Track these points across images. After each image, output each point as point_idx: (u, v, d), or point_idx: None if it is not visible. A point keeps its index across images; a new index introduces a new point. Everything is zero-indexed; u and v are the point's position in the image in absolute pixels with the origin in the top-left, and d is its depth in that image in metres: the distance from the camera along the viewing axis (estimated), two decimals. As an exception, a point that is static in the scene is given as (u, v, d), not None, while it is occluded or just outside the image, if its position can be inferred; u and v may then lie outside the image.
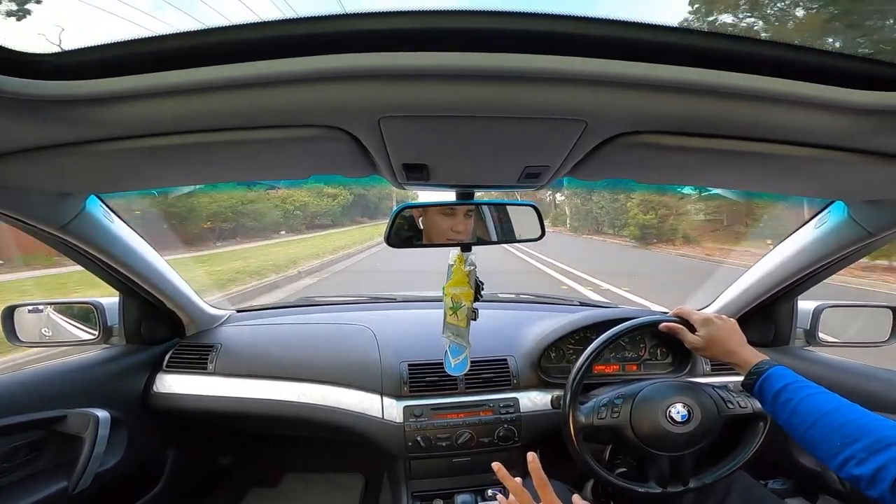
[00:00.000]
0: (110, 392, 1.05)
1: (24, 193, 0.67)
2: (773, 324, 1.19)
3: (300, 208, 22.14)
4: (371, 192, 28.87)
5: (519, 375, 1.14)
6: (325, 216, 25.14)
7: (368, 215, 31.94)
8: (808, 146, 0.53)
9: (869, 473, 0.57)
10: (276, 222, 19.88)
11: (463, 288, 0.86)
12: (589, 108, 0.45)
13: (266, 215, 19.12)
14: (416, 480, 1.12)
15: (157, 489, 1.21)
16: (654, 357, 1.22)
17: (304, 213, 22.58)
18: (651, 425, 0.91)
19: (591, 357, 0.96)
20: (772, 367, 0.76)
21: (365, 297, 1.63)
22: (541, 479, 0.67)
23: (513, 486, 0.69)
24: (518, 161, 0.61)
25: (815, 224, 0.92)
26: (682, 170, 0.67)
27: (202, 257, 10.70)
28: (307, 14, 0.37)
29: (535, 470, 0.68)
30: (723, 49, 0.39)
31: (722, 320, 0.88)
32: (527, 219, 0.86)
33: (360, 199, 29.24)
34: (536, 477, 0.67)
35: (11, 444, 0.85)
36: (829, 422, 0.64)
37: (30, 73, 0.38)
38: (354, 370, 1.14)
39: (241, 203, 16.48)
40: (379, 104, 0.44)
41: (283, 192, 19.25)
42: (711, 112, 0.46)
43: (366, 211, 32.27)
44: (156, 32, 0.40)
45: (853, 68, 0.41)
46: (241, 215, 17.01)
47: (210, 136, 0.51)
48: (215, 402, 1.16)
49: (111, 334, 1.15)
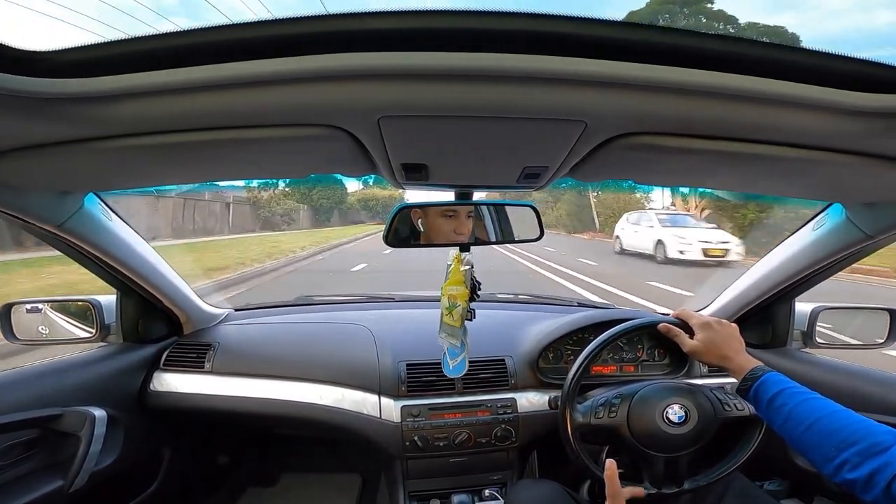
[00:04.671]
0: (107, 390, 1.04)
1: (23, 191, 0.67)
2: (771, 325, 1.19)
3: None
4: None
5: (517, 376, 1.14)
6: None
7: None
8: (807, 148, 0.53)
9: (863, 478, 0.58)
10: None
11: (459, 288, 0.86)
12: (588, 108, 0.45)
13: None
14: (414, 480, 1.12)
15: (153, 488, 1.20)
16: (651, 358, 1.22)
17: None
18: (648, 426, 0.91)
19: (588, 357, 0.96)
20: (766, 373, 0.76)
21: (363, 297, 1.63)
22: (615, 489, 0.65)
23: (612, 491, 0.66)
24: (517, 161, 0.61)
25: (813, 226, 0.92)
26: (682, 171, 0.67)
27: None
28: (308, 13, 0.37)
29: (610, 479, 0.66)
30: (723, 51, 0.39)
31: (721, 325, 0.88)
32: (525, 219, 0.86)
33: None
34: (611, 486, 0.65)
35: (7, 443, 0.85)
36: (823, 427, 0.65)
37: (29, 71, 0.38)
38: (352, 369, 1.14)
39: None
40: (378, 104, 0.44)
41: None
42: (711, 113, 0.46)
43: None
44: (155, 30, 0.40)
45: (854, 70, 0.41)
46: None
47: (209, 135, 0.51)
48: (212, 401, 1.15)
49: (108, 332, 1.15)
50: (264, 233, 18.56)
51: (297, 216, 24.01)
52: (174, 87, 0.40)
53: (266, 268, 8.50)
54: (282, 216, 22.60)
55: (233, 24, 0.38)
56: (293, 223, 23.08)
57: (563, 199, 21.51)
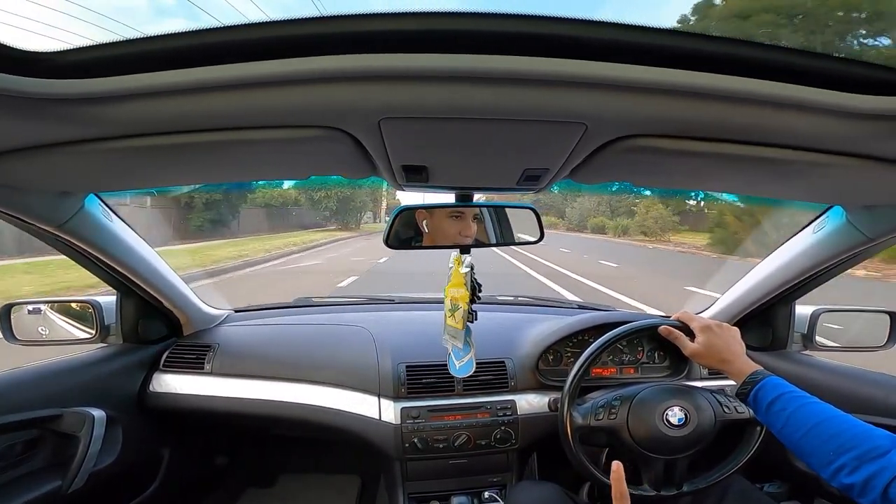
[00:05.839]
0: (106, 391, 1.04)
1: (23, 191, 0.67)
2: (771, 328, 1.19)
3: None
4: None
5: (516, 378, 1.13)
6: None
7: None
8: (808, 150, 0.53)
9: (860, 482, 0.58)
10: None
11: (460, 290, 0.86)
12: (589, 110, 0.45)
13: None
14: (413, 482, 1.12)
15: (152, 489, 1.20)
16: (651, 360, 1.22)
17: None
18: (647, 428, 0.91)
19: (589, 359, 0.96)
20: (766, 378, 0.76)
21: (363, 298, 1.63)
22: (621, 491, 0.65)
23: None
24: (517, 163, 0.61)
25: (814, 229, 0.92)
26: (682, 173, 0.67)
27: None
28: (308, 15, 0.37)
29: (617, 481, 0.65)
30: (724, 53, 0.39)
31: (722, 328, 0.88)
32: (526, 221, 0.86)
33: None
34: (617, 488, 0.65)
35: (6, 443, 0.85)
36: (821, 431, 0.65)
37: (29, 72, 0.38)
38: (352, 371, 1.14)
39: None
40: (379, 105, 0.44)
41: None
42: (712, 116, 0.46)
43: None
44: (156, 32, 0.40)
45: (854, 72, 0.41)
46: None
47: (210, 136, 0.51)
48: (212, 402, 1.15)
49: (108, 333, 1.15)
50: (185, 244, 13.01)
51: (234, 220, 18.23)
52: (175, 88, 0.40)
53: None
54: (214, 221, 17.06)
55: (234, 26, 0.38)
56: (226, 230, 17.37)
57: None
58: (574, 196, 28.53)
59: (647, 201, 19.66)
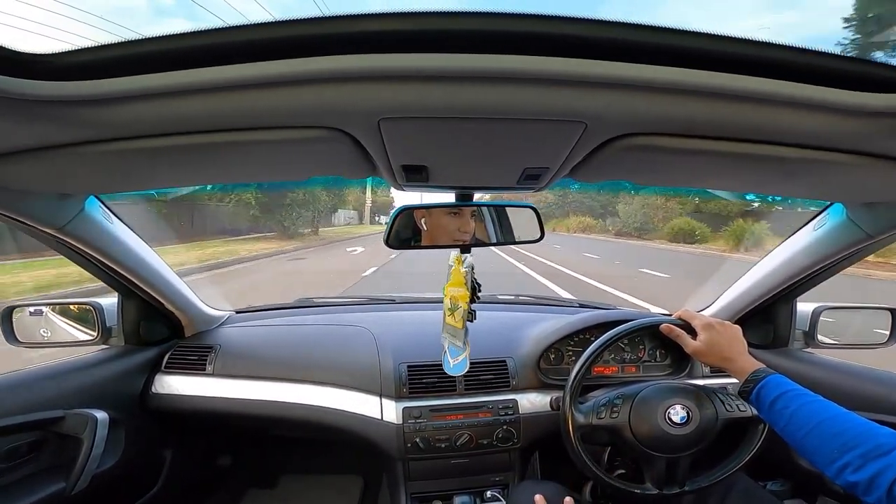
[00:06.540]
0: (109, 393, 1.04)
1: (23, 194, 0.67)
2: (772, 325, 1.19)
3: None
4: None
5: (518, 377, 1.13)
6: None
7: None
8: (808, 148, 0.53)
9: (865, 480, 0.58)
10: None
11: (460, 289, 0.86)
12: (589, 109, 0.45)
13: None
14: (415, 482, 1.12)
15: (155, 490, 1.20)
16: (653, 359, 1.22)
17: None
18: (650, 426, 0.91)
19: (590, 358, 0.96)
20: (769, 376, 0.76)
21: (364, 299, 1.63)
22: None
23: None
24: (517, 163, 0.61)
25: (814, 226, 0.92)
26: (682, 172, 0.67)
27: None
28: (307, 15, 0.37)
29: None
30: (724, 51, 0.39)
31: (723, 326, 0.88)
32: (526, 220, 0.86)
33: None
34: None
35: (9, 445, 0.85)
36: (825, 429, 0.65)
37: (29, 74, 0.38)
38: (353, 371, 1.14)
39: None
40: (379, 106, 0.44)
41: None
42: (712, 114, 0.46)
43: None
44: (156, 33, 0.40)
45: (856, 70, 0.41)
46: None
47: (209, 137, 0.51)
48: (214, 403, 1.15)
49: (110, 335, 1.15)
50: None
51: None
52: (175, 89, 0.40)
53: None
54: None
55: (233, 27, 0.38)
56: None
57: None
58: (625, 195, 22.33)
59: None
